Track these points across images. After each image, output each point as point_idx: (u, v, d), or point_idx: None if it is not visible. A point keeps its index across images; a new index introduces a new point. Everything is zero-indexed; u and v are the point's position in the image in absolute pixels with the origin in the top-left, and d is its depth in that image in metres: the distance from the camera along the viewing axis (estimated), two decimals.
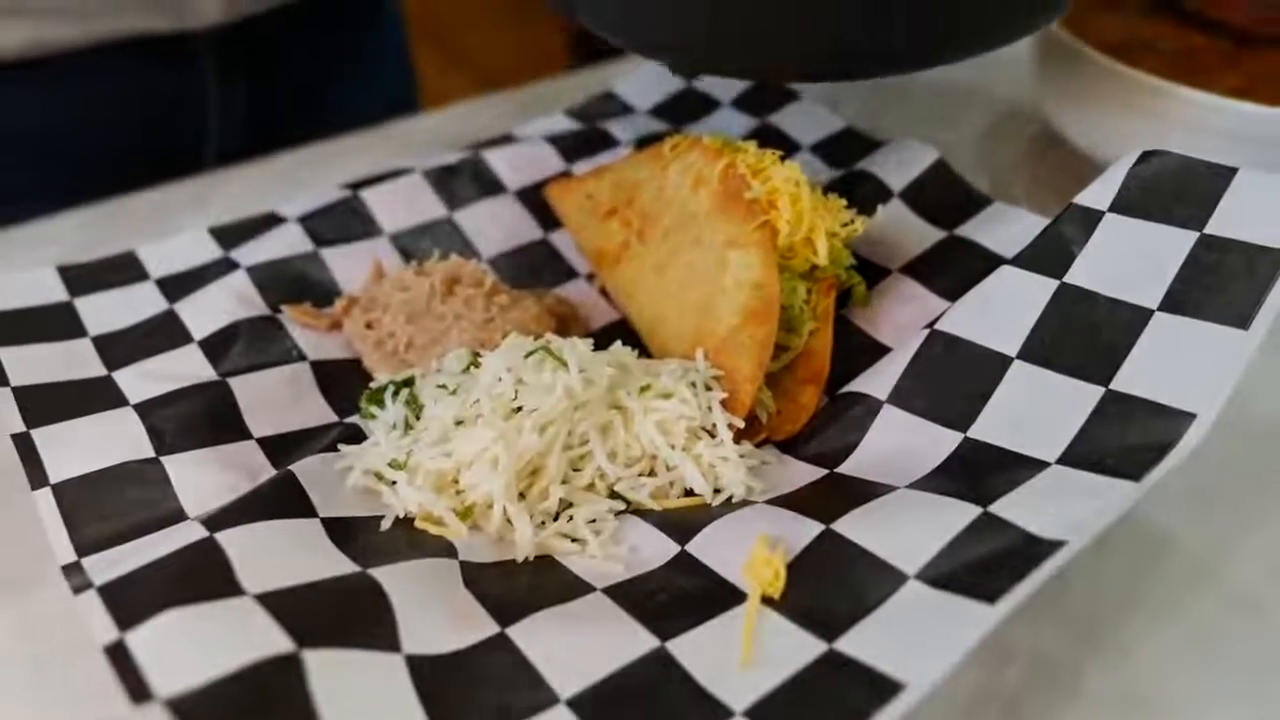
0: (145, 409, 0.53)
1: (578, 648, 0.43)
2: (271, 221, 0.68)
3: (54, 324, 0.59)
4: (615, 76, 0.85)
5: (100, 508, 0.49)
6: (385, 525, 0.49)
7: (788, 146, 0.74)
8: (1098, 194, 0.53)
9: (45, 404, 0.53)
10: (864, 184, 0.67)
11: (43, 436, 0.51)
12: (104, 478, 0.50)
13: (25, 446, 0.51)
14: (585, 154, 0.73)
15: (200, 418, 0.53)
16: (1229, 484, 0.53)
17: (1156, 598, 0.48)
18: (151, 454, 0.51)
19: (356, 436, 0.55)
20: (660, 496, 0.51)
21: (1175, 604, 0.48)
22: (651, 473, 0.52)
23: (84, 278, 0.63)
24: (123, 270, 0.64)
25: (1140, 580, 0.49)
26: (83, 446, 0.51)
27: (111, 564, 0.45)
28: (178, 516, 0.49)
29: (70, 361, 0.57)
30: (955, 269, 0.61)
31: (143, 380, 0.56)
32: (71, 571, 0.46)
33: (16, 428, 0.52)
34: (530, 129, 0.77)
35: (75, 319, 0.60)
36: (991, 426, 0.50)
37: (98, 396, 0.55)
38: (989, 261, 0.61)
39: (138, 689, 0.37)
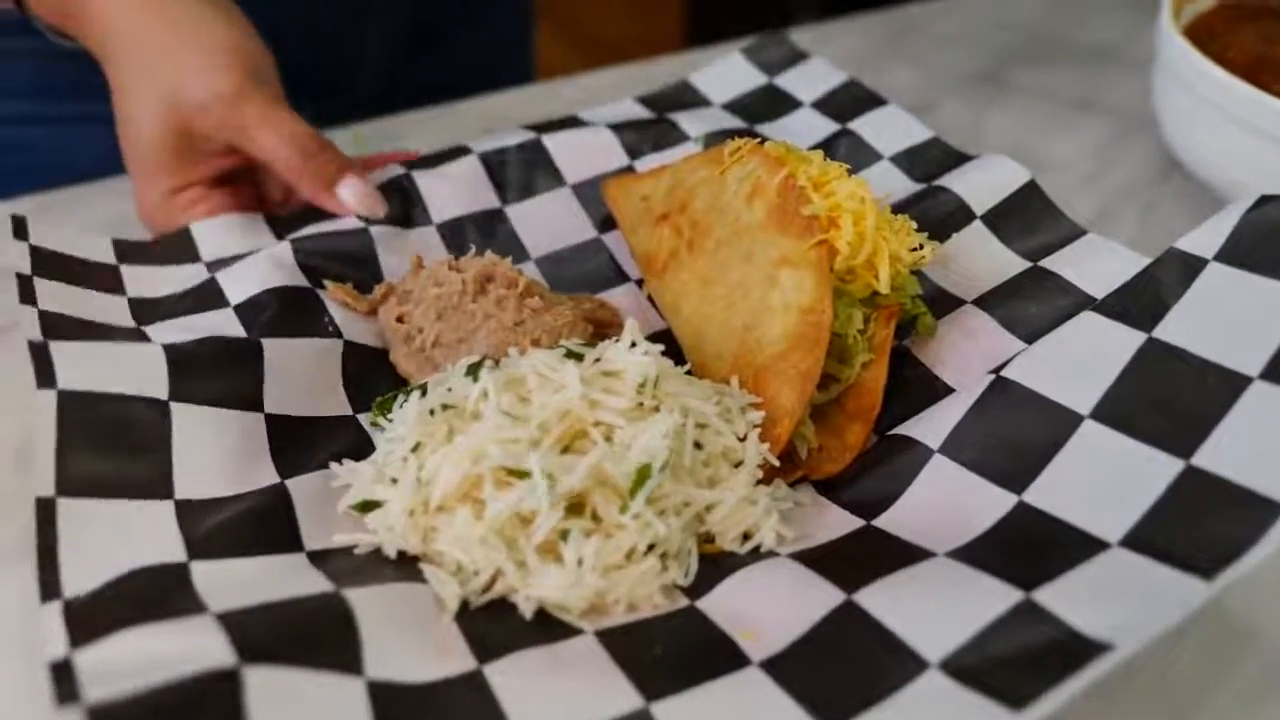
0: (170, 348, 0.51)
1: (555, 695, 0.39)
2: None
3: (96, 278, 0.58)
4: (701, 63, 0.81)
5: (95, 434, 0.46)
6: (359, 550, 0.46)
7: (867, 154, 0.68)
8: (1203, 239, 0.48)
9: (69, 329, 0.52)
10: (944, 202, 0.61)
11: (60, 350, 0.49)
12: (109, 403, 0.47)
13: (40, 353, 0.48)
14: (649, 148, 0.69)
15: (221, 371, 0.51)
16: None
17: (1232, 696, 0.43)
18: (163, 395, 0.49)
19: (364, 442, 0.53)
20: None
21: (1253, 704, 0.43)
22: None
23: (135, 251, 0.61)
24: (176, 249, 0.62)
25: (1215, 676, 0.44)
26: (98, 366, 0.49)
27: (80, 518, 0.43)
28: (163, 483, 0.46)
29: (103, 309, 0.55)
30: (1035, 306, 0.55)
31: (172, 331, 0.54)
32: (48, 583, 0.42)
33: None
34: (597, 114, 0.73)
35: (118, 279, 0.59)
36: (1050, 492, 0.45)
37: (123, 335, 0.53)
38: (1075, 301, 0.55)
39: (67, 693, 0.36)
